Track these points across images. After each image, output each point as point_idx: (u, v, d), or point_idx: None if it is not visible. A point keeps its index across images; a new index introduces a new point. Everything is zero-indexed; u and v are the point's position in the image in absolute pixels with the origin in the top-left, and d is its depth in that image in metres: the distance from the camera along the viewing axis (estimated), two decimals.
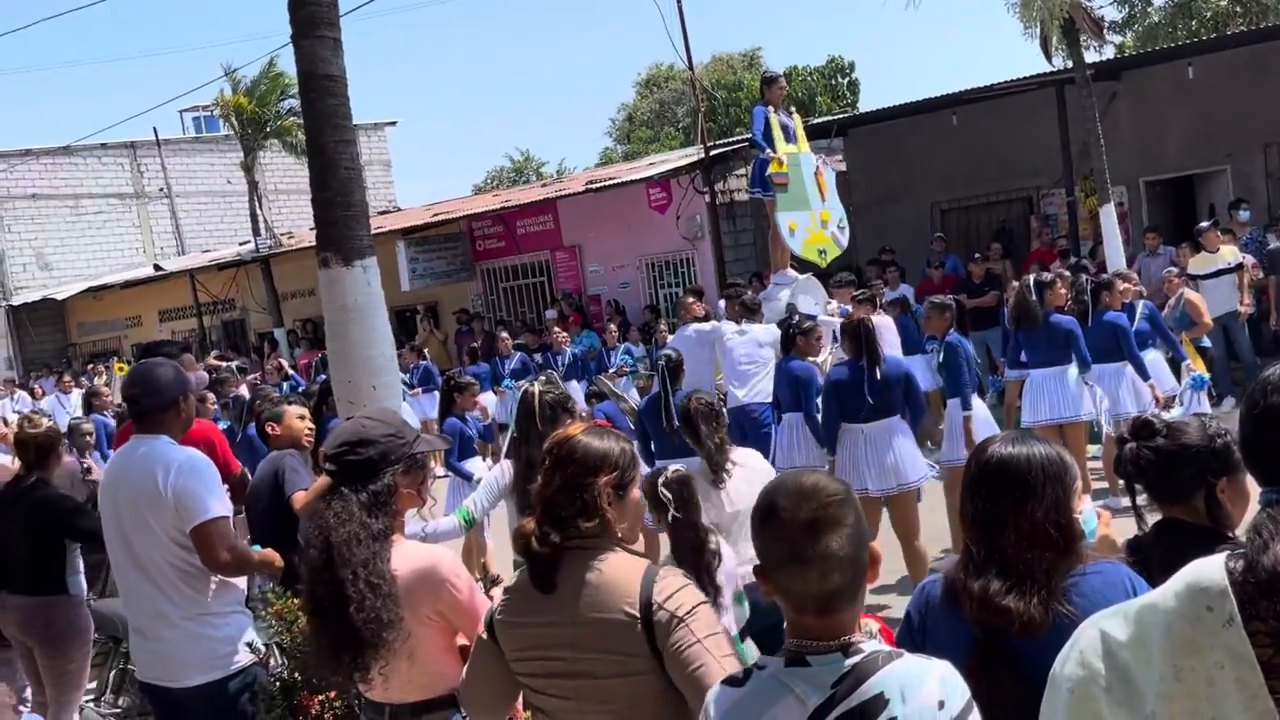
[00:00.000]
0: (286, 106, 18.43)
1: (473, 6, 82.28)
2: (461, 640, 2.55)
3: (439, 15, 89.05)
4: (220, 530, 3.24)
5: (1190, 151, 13.24)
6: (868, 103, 32.78)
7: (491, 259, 17.92)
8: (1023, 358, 7.66)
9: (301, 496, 4.02)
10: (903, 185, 15.25)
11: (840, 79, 33.81)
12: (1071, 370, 7.35)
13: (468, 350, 13.88)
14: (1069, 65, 11.49)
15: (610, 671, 2.08)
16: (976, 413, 6.81)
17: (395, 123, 31.47)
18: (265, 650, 3.50)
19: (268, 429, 4.79)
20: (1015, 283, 10.68)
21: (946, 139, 14.30)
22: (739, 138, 16.39)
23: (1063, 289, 7.68)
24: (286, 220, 25.04)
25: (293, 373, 14.27)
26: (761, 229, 13.12)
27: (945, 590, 2.05)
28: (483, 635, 2.23)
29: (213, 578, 3.31)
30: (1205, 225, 10.67)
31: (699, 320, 9.70)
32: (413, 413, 13.08)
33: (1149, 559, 2.17)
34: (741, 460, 4.57)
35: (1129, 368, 7.52)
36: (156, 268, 22.46)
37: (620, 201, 15.56)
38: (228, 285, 21.29)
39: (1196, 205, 13.93)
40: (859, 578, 1.68)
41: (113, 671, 5.67)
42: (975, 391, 7.05)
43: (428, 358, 14.26)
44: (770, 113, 9.75)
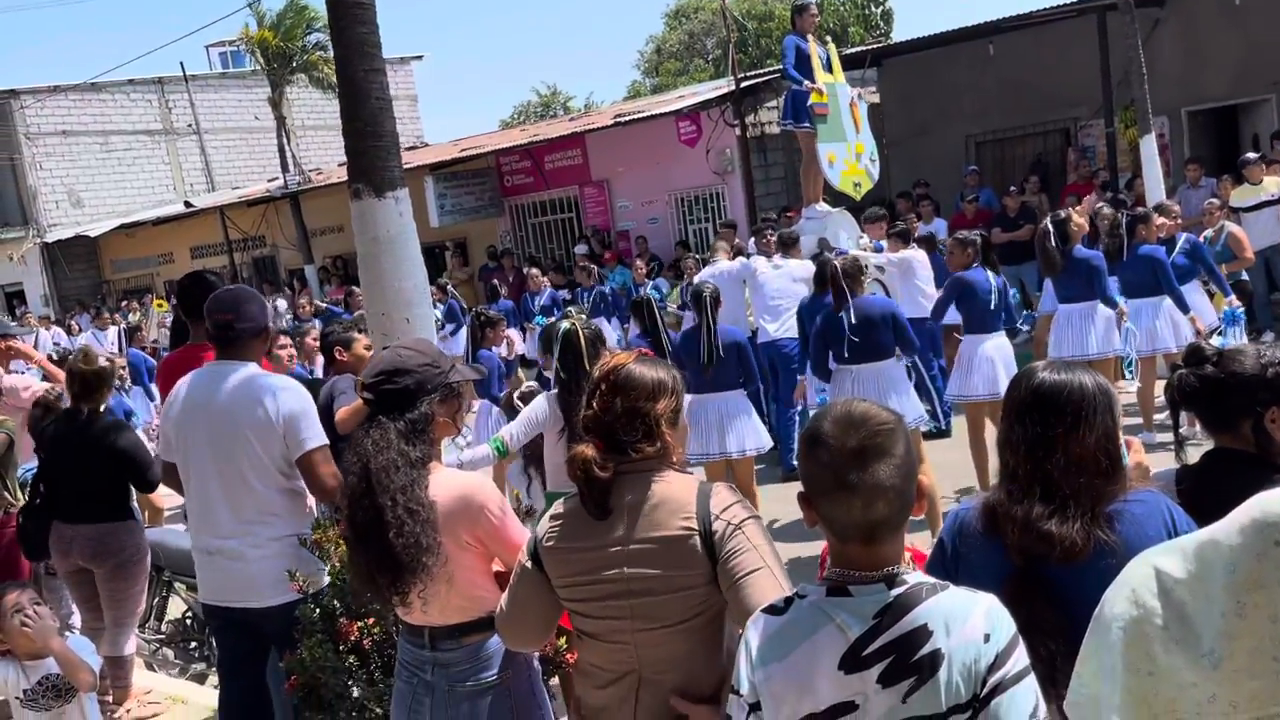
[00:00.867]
0: (313, 41, 18.28)
1: None
2: (497, 566, 2.59)
3: None
4: (325, 456, 3.35)
5: (1235, 80, 12.86)
6: (902, 32, 32.07)
7: (520, 195, 17.84)
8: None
9: (345, 412, 4.11)
10: (937, 117, 14.95)
11: (874, 8, 33.02)
12: (1101, 306, 7.25)
13: (489, 287, 13.87)
14: None
15: (667, 587, 2.11)
16: (995, 348, 6.74)
17: (421, 57, 31.25)
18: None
19: (335, 353, 4.97)
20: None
21: (982, 69, 13.97)
22: (770, 69, 16.10)
23: (1080, 218, 7.59)
24: (315, 156, 25.00)
25: (327, 306, 14.34)
26: (793, 162, 12.94)
27: (984, 516, 2.03)
28: (527, 564, 2.25)
29: (308, 502, 3.43)
30: (1252, 156, 10.42)
31: (730, 258, 9.64)
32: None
33: (1198, 487, 2.15)
34: None
35: (1167, 301, 7.41)
36: (187, 204, 22.56)
37: (649, 135, 15.38)
38: (257, 222, 21.37)
39: (1240, 136, 13.57)
40: (905, 509, 1.66)
41: (157, 599, 5.82)
42: (1006, 326, 6.99)
43: (454, 295, 14.28)
44: (803, 42, 9.55)
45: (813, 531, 1.86)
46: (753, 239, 10.00)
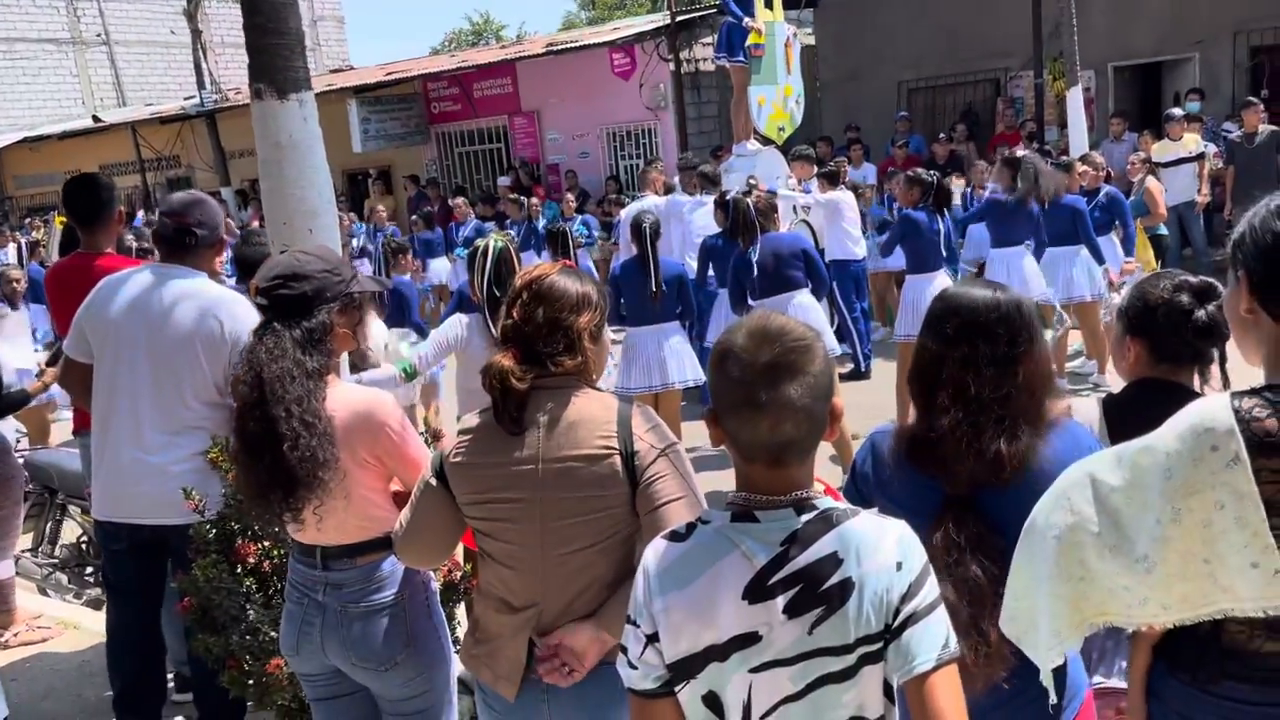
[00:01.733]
0: None
1: None
2: (395, 485, 2.49)
3: None
4: None
5: (1161, 38, 13.05)
6: None
7: (447, 123, 17.40)
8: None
9: None
10: (871, 62, 14.92)
11: None
12: (1084, 250, 7.44)
13: (422, 215, 13.57)
14: None
15: (579, 510, 2.04)
16: (941, 288, 6.83)
17: None
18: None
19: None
20: (979, 162, 10.63)
21: (917, 16, 13.96)
22: (707, 5, 15.87)
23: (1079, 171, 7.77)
24: (235, 75, 24.00)
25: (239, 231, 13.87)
26: (726, 100, 12.81)
27: (907, 444, 1.97)
28: (431, 480, 2.16)
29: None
30: (1175, 113, 10.58)
31: (659, 193, 9.55)
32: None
33: (1126, 412, 2.16)
34: None
35: (1084, 251, 7.53)
36: (95, 119, 21.56)
37: (582, 67, 15.08)
38: (172, 141, 20.52)
39: (1163, 93, 13.81)
40: (816, 431, 1.54)
41: (49, 523, 5.60)
42: (949, 267, 7.09)
43: (378, 221, 13.93)
44: None
45: (723, 470, 1.80)
46: (678, 176, 9.90)
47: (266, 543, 3.11)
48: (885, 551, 1.50)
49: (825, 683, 1.50)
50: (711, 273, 7.46)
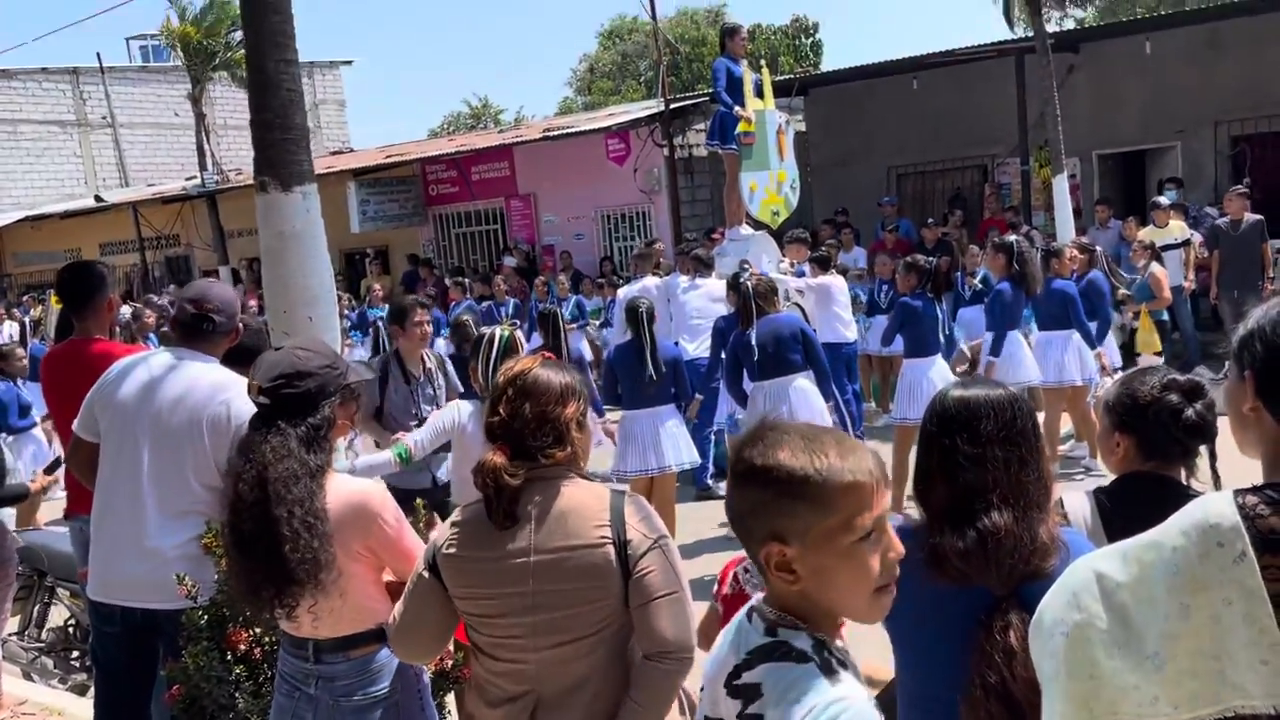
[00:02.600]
0: (236, 38, 17.88)
1: None
2: (388, 576, 2.50)
3: None
4: None
5: (1143, 126, 13.38)
6: (831, 64, 32.68)
7: (445, 204, 17.65)
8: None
9: None
10: (861, 147, 15.24)
11: (804, 39, 33.63)
12: (1076, 335, 7.54)
13: (426, 297, 13.65)
14: (1029, 34, 11.50)
15: (573, 601, 2.06)
16: (939, 373, 6.92)
17: (351, 62, 30.81)
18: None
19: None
20: (971, 246, 10.80)
21: (906, 103, 14.29)
22: (700, 92, 16.25)
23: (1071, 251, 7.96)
24: (235, 156, 24.43)
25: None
26: (718, 184, 13.05)
27: (931, 555, 1.96)
28: (424, 573, 2.16)
29: None
30: (1162, 201, 10.78)
31: (657, 275, 9.67)
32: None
33: (1121, 505, 2.19)
34: None
35: (1076, 335, 7.62)
36: (97, 198, 21.83)
37: (578, 151, 15.37)
38: (172, 220, 20.75)
39: (1147, 180, 14.10)
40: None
41: (37, 606, 5.54)
42: (940, 351, 7.16)
43: (374, 300, 14.03)
44: (735, 66, 9.62)
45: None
46: (676, 258, 10.04)
47: (258, 629, 3.10)
48: (801, 710, 1.41)
49: None
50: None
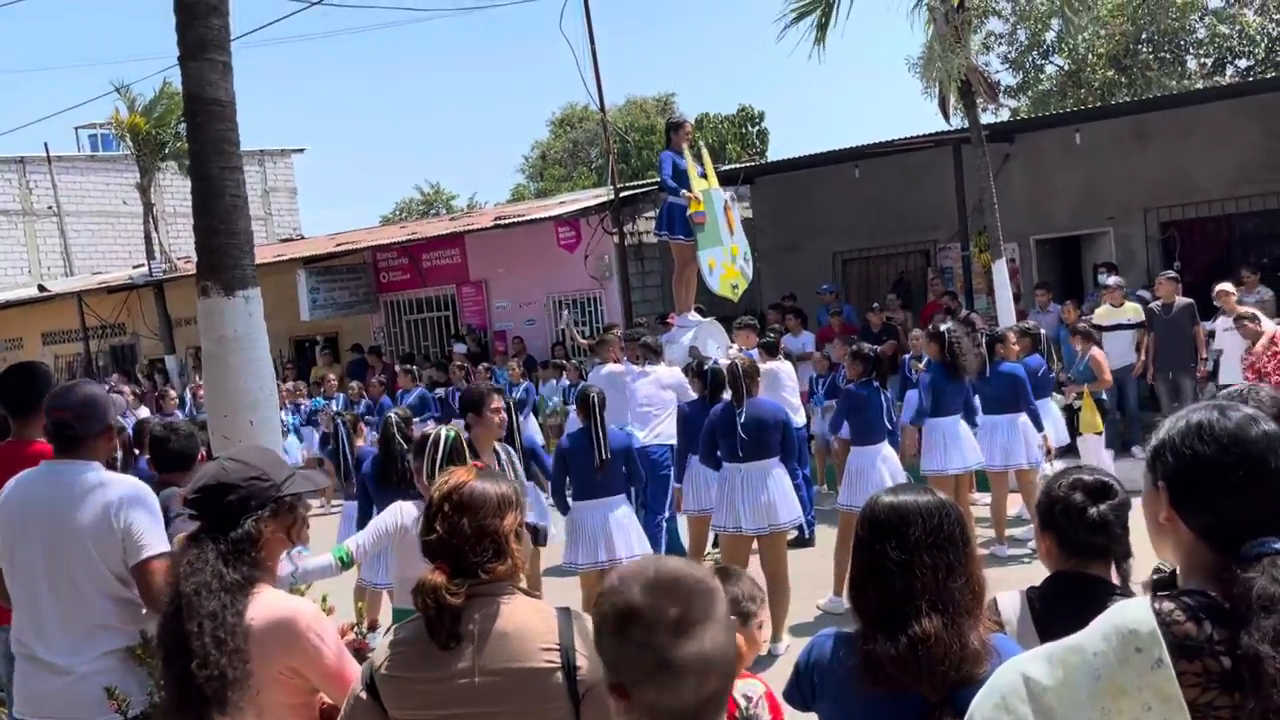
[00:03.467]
0: (186, 128, 17.94)
1: (388, 36, 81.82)
2: (325, 700, 2.43)
3: (353, 43, 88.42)
4: (165, 566, 3.12)
5: (1077, 213, 13.84)
6: (776, 152, 33.55)
7: (396, 291, 17.67)
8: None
9: (181, 540, 3.87)
10: (806, 234, 15.57)
11: (750, 127, 34.51)
12: (1024, 417, 7.71)
13: (363, 385, 13.57)
14: (965, 126, 11.92)
15: None
16: (885, 459, 7.01)
17: (303, 150, 30.98)
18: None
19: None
20: (916, 331, 11.01)
21: (849, 191, 14.67)
22: (649, 181, 16.55)
23: (1014, 343, 8.17)
24: (184, 244, 24.30)
25: (189, 401, 13.78)
26: (668, 270, 13.22)
27: (866, 662, 1.99)
28: (361, 695, 2.09)
29: (141, 613, 3.18)
30: (1113, 282, 11.05)
31: (616, 361, 9.68)
32: (297, 448, 12.77)
33: (1051, 607, 2.22)
34: None
35: (1022, 417, 7.76)
36: (41, 288, 21.53)
37: (529, 238, 15.53)
38: (118, 309, 20.51)
39: (1082, 264, 14.54)
40: (732, 678, 1.48)
41: None
42: (887, 438, 7.24)
43: (329, 390, 13.93)
44: (679, 158, 9.85)
45: None
46: (624, 345, 10.10)
47: None
48: None
49: None
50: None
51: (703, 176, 9.87)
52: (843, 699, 2.04)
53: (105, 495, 3.14)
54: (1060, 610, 2.21)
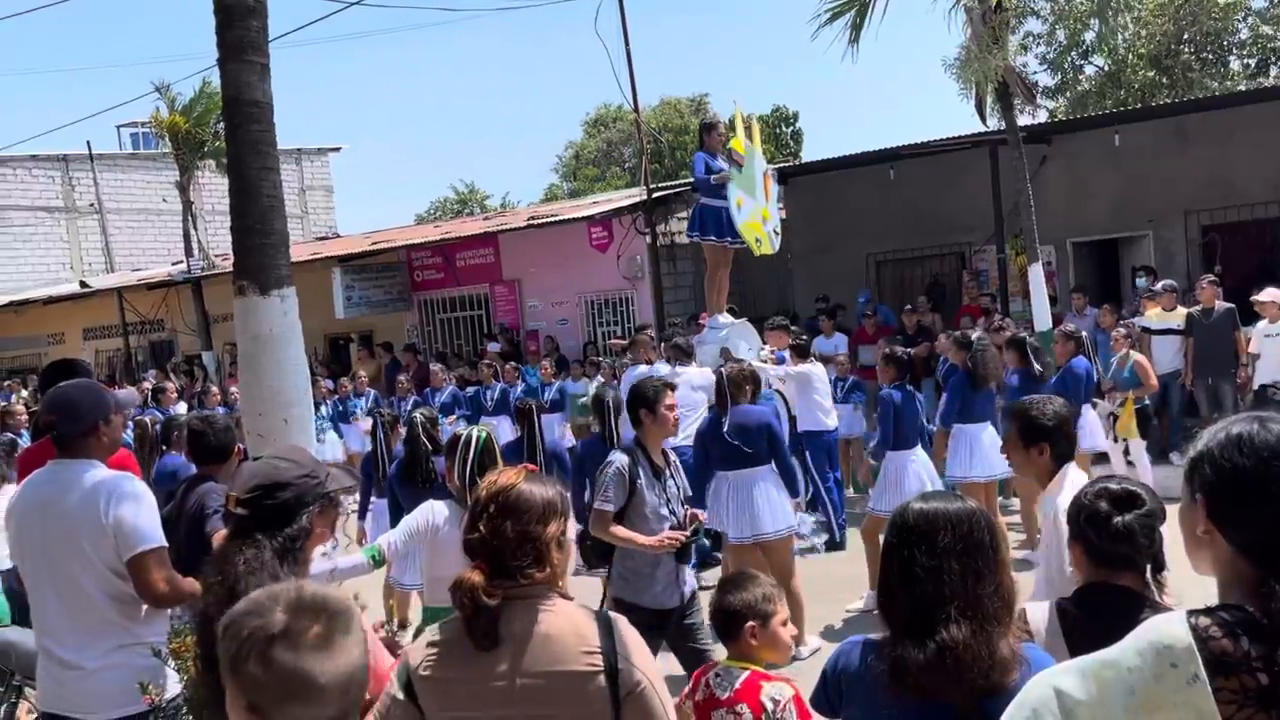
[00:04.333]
0: (224, 129, 18.13)
1: (425, 37, 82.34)
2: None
3: (391, 42, 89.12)
4: (159, 559, 3.18)
5: (1115, 216, 13.66)
6: (811, 153, 33.44)
7: (429, 290, 17.79)
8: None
9: (222, 536, 3.91)
10: (840, 235, 15.49)
11: (785, 128, 34.41)
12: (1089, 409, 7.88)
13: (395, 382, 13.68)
14: (1002, 127, 11.81)
15: None
16: (921, 464, 6.96)
17: (339, 148, 31.21)
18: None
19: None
20: (943, 336, 10.92)
21: (884, 192, 14.58)
22: (682, 181, 16.56)
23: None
24: (222, 241, 24.59)
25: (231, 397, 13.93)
26: (700, 271, 13.21)
27: (894, 668, 1.98)
28: (398, 695, 2.09)
29: (143, 607, 3.24)
30: (1169, 284, 10.88)
31: (650, 362, 9.67)
32: (337, 445, 12.89)
33: (1084, 620, 2.20)
34: None
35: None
36: (83, 284, 21.89)
37: (562, 238, 15.57)
38: (157, 305, 20.80)
39: (1120, 267, 14.35)
40: (365, 686, 1.54)
41: (4, 705, 5.41)
42: (920, 441, 7.18)
43: (359, 387, 14.04)
44: (712, 159, 9.77)
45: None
46: (662, 345, 10.09)
47: None
48: None
49: None
50: None
51: (749, 137, 9.66)
52: (870, 706, 2.03)
53: (95, 492, 3.18)
54: (1090, 622, 2.18)
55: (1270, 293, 9.81)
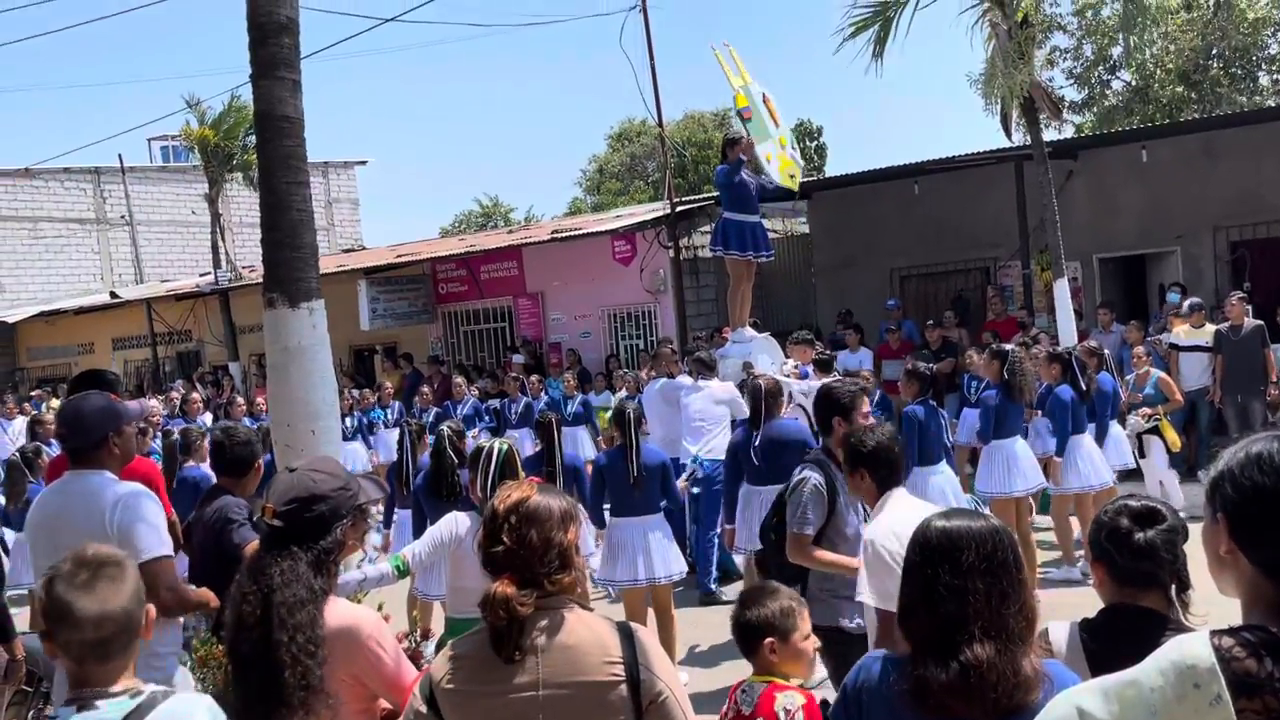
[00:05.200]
0: (253, 141, 18.36)
1: (450, 52, 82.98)
2: (384, 705, 2.49)
3: (418, 58, 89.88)
4: (162, 569, 3.21)
5: (1142, 231, 13.56)
6: (834, 167, 33.42)
7: (454, 302, 17.89)
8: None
9: (254, 547, 3.92)
10: (864, 250, 15.46)
11: (809, 142, 34.39)
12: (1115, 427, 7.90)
13: (418, 393, 13.76)
14: (1028, 142, 11.77)
15: None
16: (945, 480, 6.91)
17: (365, 162, 31.49)
18: None
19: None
20: (972, 352, 10.87)
21: (908, 207, 14.54)
22: (706, 195, 16.58)
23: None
24: (250, 253, 24.86)
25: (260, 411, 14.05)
26: (723, 285, 13.21)
27: (916, 687, 1.97)
28: (421, 709, 2.11)
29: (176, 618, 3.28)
30: (1196, 302, 10.82)
31: (672, 375, 9.65)
32: (362, 455, 12.96)
33: (1107, 641, 2.19)
34: None
35: (1084, 439, 7.77)
36: (113, 294, 22.16)
37: (585, 252, 15.63)
38: (184, 316, 21.03)
39: (1147, 284, 14.23)
40: (133, 632, 2.04)
41: (31, 711, 5.47)
42: (944, 458, 7.14)
43: (385, 398, 14.12)
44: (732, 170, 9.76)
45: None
46: (685, 359, 10.09)
47: None
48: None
49: None
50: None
51: (737, 74, 9.62)
52: (875, 711, 2.03)
53: (102, 501, 3.23)
54: (1112, 643, 2.17)
55: None
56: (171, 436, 7.64)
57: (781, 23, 65.45)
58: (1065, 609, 2.69)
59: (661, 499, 6.29)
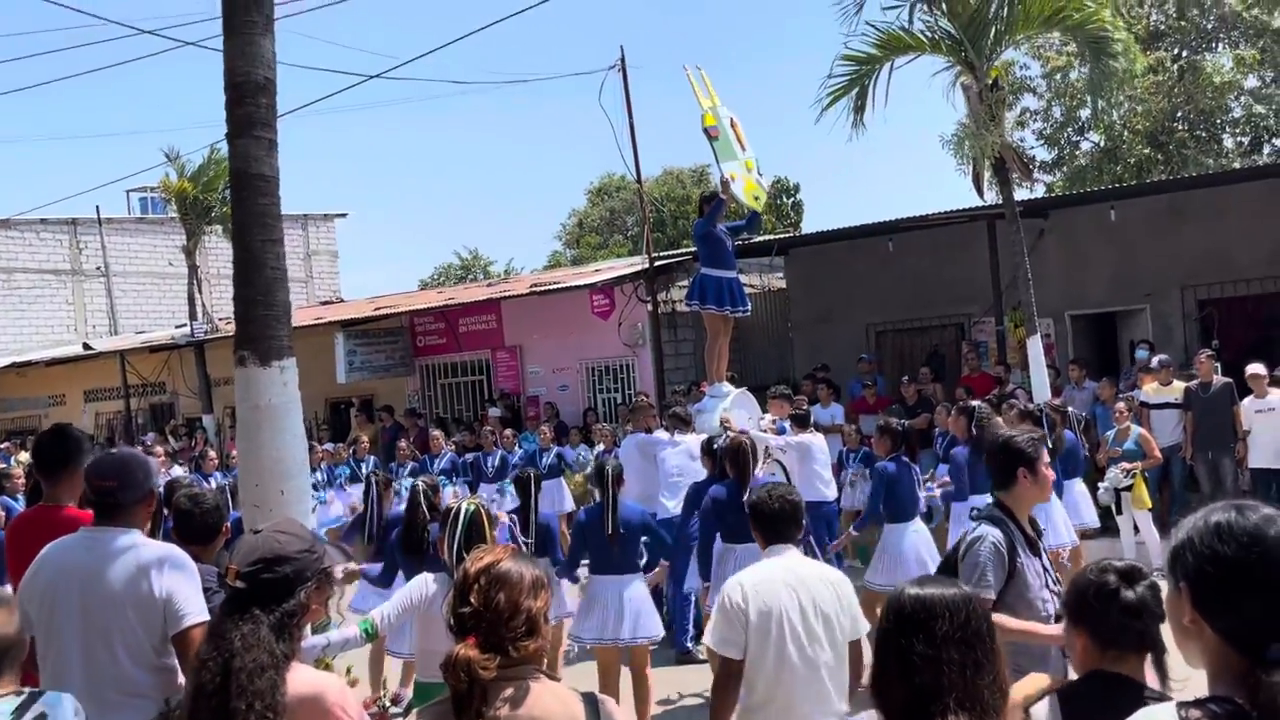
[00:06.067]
0: (230, 200, 18.35)
1: (432, 106, 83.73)
2: None
3: (399, 112, 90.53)
4: (201, 634, 3.12)
5: (1112, 289, 13.76)
6: (811, 224, 33.82)
7: (431, 355, 17.86)
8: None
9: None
10: (840, 306, 15.59)
11: (785, 199, 34.80)
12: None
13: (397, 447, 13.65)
14: (1000, 201, 11.96)
15: None
16: (919, 536, 6.91)
17: (345, 214, 31.55)
18: None
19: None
20: (941, 408, 10.93)
21: (883, 264, 14.70)
22: (684, 250, 16.74)
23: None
24: (226, 306, 24.76)
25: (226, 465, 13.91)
26: (700, 339, 13.27)
27: None
28: None
29: (180, 678, 3.18)
30: (1164, 359, 10.96)
31: (650, 430, 9.64)
32: (343, 505, 12.80)
33: (1083, 709, 2.18)
34: None
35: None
36: (86, 346, 21.97)
37: (563, 306, 15.68)
38: (159, 368, 20.87)
39: (1118, 340, 14.41)
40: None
41: None
42: (919, 514, 7.15)
43: (360, 453, 14.00)
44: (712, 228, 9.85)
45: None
46: (663, 415, 10.10)
47: None
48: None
49: None
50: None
51: (706, 96, 9.67)
52: None
53: (144, 562, 3.15)
54: (1091, 713, 2.16)
55: (1256, 367, 9.85)
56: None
57: (758, 82, 66.56)
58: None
59: (642, 557, 6.24)
